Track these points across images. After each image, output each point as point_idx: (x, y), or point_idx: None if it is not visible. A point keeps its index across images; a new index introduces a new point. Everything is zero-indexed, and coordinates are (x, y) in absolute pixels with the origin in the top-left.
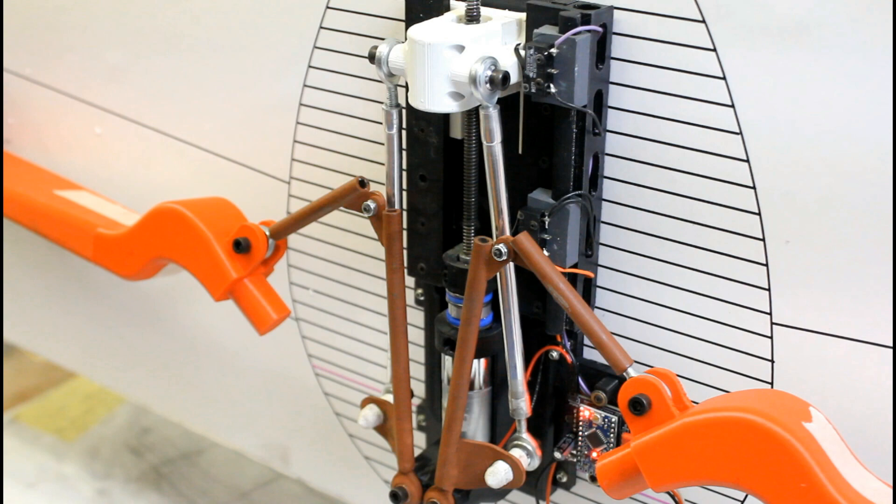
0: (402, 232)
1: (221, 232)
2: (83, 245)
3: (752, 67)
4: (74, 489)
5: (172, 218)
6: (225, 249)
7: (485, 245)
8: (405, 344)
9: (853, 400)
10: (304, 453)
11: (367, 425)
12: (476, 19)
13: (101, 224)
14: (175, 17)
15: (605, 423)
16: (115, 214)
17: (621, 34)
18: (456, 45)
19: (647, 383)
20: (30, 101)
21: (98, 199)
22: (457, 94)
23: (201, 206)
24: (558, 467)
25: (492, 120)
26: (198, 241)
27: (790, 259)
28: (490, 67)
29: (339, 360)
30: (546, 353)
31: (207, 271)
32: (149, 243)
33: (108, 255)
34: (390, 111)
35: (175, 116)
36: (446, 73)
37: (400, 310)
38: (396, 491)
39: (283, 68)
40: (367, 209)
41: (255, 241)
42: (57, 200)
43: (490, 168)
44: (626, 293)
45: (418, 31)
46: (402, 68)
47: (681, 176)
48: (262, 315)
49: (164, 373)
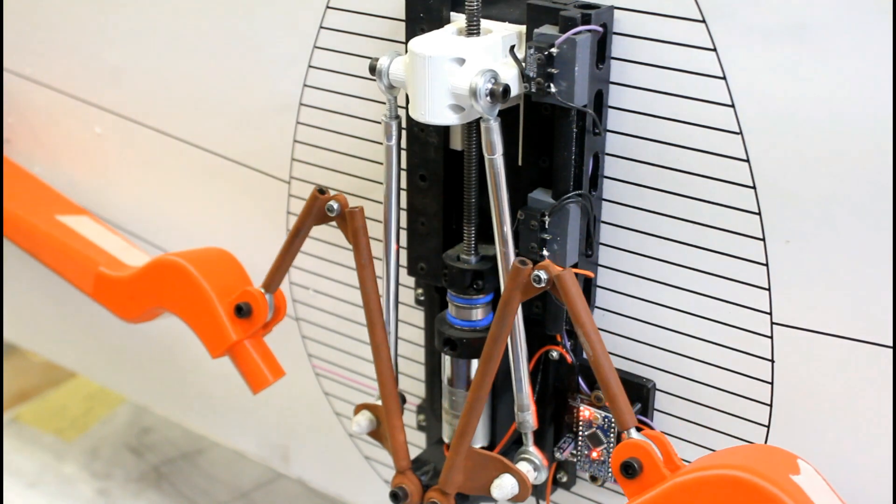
0: (366, 227)
1: (224, 290)
2: (83, 281)
3: (752, 67)
4: (74, 489)
5: (177, 272)
6: (227, 311)
7: (524, 269)
8: (384, 339)
9: (853, 400)
10: (304, 453)
11: (361, 431)
12: (476, 32)
13: (103, 261)
14: (175, 17)
15: (605, 423)
16: (116, 249)
17: (621, 34)
18: (457, 58)
19: (638, 447)
20: (30, 101)
21: (99, 228)
22: (457, 107)
23: (204, 261)
24: (558, 467)
25: (493, 132)
26: (200, 300)
27: (790, 259)
28: (490, 80)
29: (339, 360)
30: (546, 353)
31: (208, 330)
32: (150, 292)
33: (108, 295)
34: (390, 123)
35: (175, 116)
36: (447, 86)
37: (375, 303)
38: (396, 491)
39: (283, 68)
40: (331, 210)
41: (256, 307)
42: (58, 229)
43: (492, 180)
44: (626, 293)
45: (419, 43)
46: (403, 81)
47: (681, 176)
48: (258, 377)
49: (164, 373)
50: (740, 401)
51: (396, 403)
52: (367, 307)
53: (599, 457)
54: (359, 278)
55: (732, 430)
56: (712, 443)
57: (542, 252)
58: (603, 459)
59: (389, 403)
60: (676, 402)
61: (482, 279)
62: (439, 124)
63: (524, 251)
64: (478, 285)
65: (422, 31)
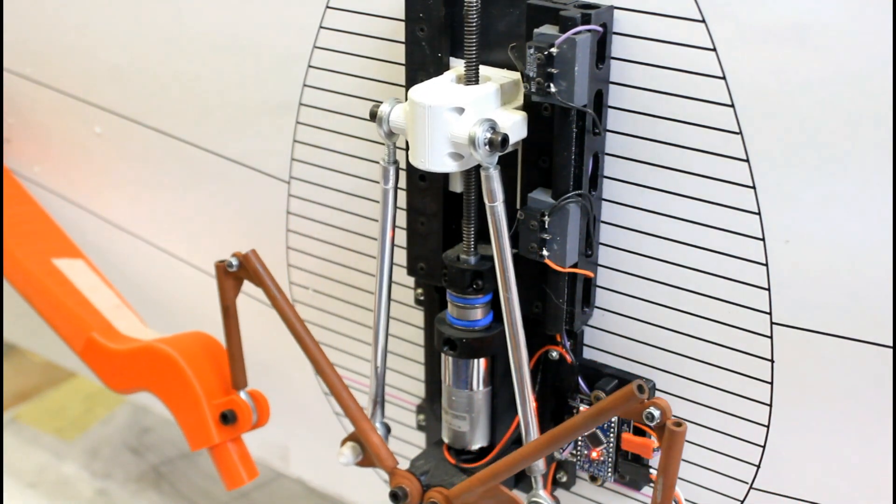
0: (264, 264)
1: (211, 388)
2: (74, 340)
3: (752, 67)
4: (74, 489)
5: (169, 365)
6: (213, 415)
7: (637, 397)
8: (314, 345)
9: (853, 400)
10: (304, 453)
11: (349, 462)
12: (475, 80)
13: (96, 325)
14: (175, 17)
15: (604, 422)
16: (108, 308)
17: (621, 34)
18: (456, 108)
19: None
20: (30, 101)
21: (93, 278)
22: (457, 155)
23: (195, 355)
24: (558, 467)
25: (493, 181)
26: (190, 398)
27: (790, 259)
28: (489, 130)
29: (339, 360)
30: (546, 353)
31: (192, 426)
32: (140, 374)
33: (96, 362)
34: (388, 167)
35: (175, 116)
36: (446, 135)
37: (287, 306)
38: (396, 491)
39: (283, 68)
40: (231, 266)
41: (240, 415)
42: (53, 278)
43: (493, 228)
44: (626, 293)
45: (419, 92)
46: (403, 127)
47: (681, 176)
48: (234, 475)
49: None
50: (740, 401)
51: (357, 407)
52: (296, 334)
53: (599, 457)
54: (278, 312)
55: (732, 430)
56: (712, 443)
57: (542, 252)
58: (603, 459)
59: (349, 409)
60: (676, 402)
61: (482, 279)
62: (439, 171)
63: (524, 251)
64: (477, 285)
65: (421, 31)
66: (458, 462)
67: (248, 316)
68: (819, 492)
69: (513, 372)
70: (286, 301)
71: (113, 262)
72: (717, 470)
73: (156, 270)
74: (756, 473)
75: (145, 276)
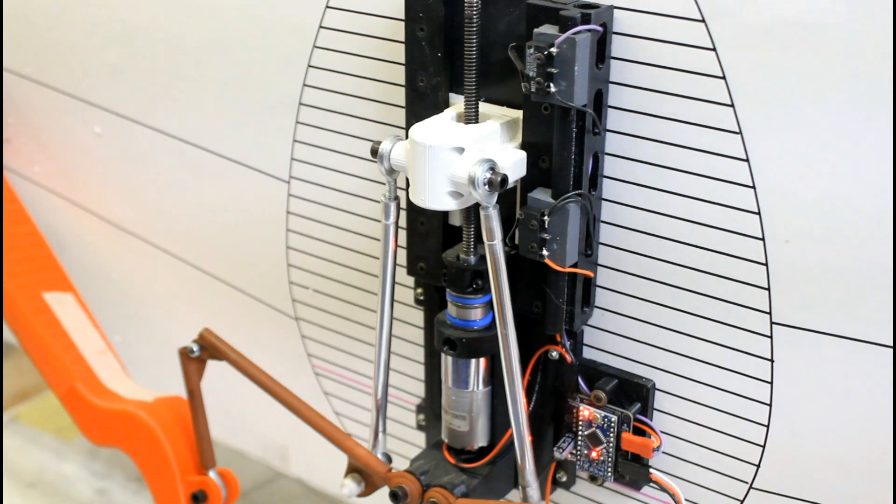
0: (221, 339)
1: (187, 463)
2: (57, 386)
3: (752, 67)
4: (74, 489)
5: (147, 435)
6: (185, 493)
7: None
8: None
9: (853, 400)
10: (304, 453)
11: (352, 494)
12: (475, 119)
13: (79, 375)
14: (175, 17)
15: (604, 422)
16: (93, 354)
17: (621, 34)
18: (456, 148)
19: None
20: (30, 101)
21: (80, 316)
22: (457, 193)
23: (174, 427)
24: (558, 467)
25: (492, 220)
26: (165, 472)
27: (790, 259)
28: (489, 171)
29: (339, 360)
30: (546, 353)
31: (164, 498)
32: (118, 435)
33: (76, 411)
34: (388, 203)
35: (175, 116)
36: (446, 174)
37: (255, 369)
38: (396, 491)
39: (283, 68)
40: (192, 350)
41: (211, 496)
42: (42, 317)
43: (492, 266)
44: (626, 293)
45: (420, 131)
46: (404, 165)
47: (681, 176)
48: None
49: (164, 372)
50: (740, 401)
51: (334, 429)
52: (270, 391)
53: (599, 457)
54: (248, 377)
55: (732, 430)
56: (712, 442)
57: (542, 252)
58: (602, 459)
59: (328, 434)
60: (676, 402)
61: (482, 279)
62: (439, 209)
63: (524, 251)
64: (477, 285)
65: (421, 31)
66: (457, 462)
67: (249, 317)
68: (819, 492)
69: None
70: (252, 365)
71: (113, 263)
72: (717, 470)
73: (156, 270)
74: (756, 473)
75: (145, 276)
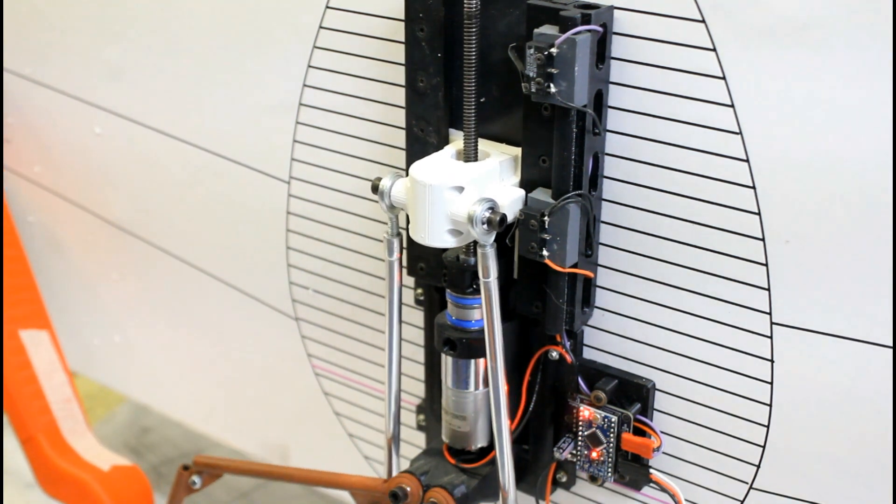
0: None
1: None
2: (20, 429)
3: (752, 67)
4: None
5: None
6: None
7: None
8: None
9: (853, 400)
10: (304, 453)
11: None
12: (474, 158)
13: (42, 426)
14: (175, 17)
15: (604, 423)
16: (58, 400)
17: (621, 34)
18: (456, 187)
19: None
20: (30, 101)
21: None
22: (456, 231)
23: (124, 497)
24: (558, 467)
25: (489, 258)
26: None
27: (790, 259)
28: (488, 210)
29: (339, 360)
30: (546, 353)
31: None
32: (71, 496)
33: (35, 460)
34: (391, 240)
35: (175, 116)
36: (446, 213)
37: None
38: (396, 491)
39: (283, 68)
40: (195, 483)
41: None
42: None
43: (486, 304)
44: (626, 293)
45: (420, 170)
46: (404, 202)
47: (681, 176)
48: None
49: (165, 372)
50: (740, 401)
51: (329, 475)
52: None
53: (599, 457)
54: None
55: (732, 430)
56: (712, 443)
57: (542, 252)
58: (602, 459)
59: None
60: (676, 402)
61: None
62: (438, 246)
63: (524, 251)
64: (477, 285)
65: (421, 31)
66: (458, 462)
67: (249, 317)
68: (819, 492)
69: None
70: (250, 464)
71: (113, 263)
72: (717, 470)
73: (156, 270)
74: (756, 473)
75: (146, 276)
